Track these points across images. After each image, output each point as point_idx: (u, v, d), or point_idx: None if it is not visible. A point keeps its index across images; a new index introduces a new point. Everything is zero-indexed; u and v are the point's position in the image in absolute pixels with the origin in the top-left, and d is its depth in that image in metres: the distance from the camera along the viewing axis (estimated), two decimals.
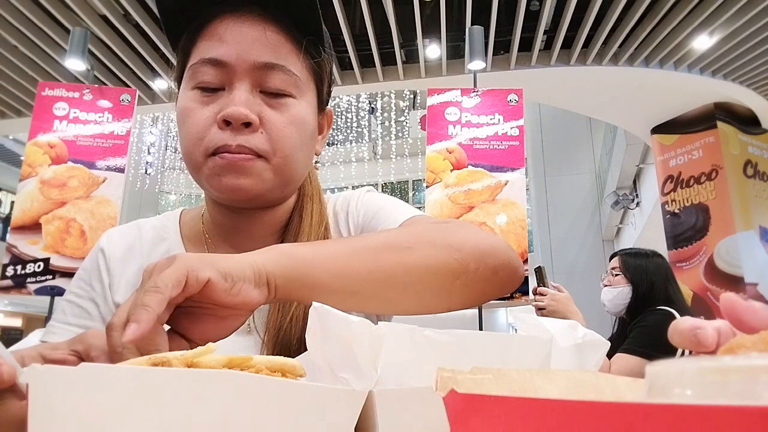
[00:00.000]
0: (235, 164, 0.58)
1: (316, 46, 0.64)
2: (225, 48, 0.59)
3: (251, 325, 0.65)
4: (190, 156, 0.61)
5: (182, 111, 0.61)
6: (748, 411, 0.12)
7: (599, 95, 5.77)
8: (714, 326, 0.26)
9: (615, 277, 2.12)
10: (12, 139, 10.58)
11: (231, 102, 0.58)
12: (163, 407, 0.26)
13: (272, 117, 0.60)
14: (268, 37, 0.60)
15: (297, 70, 0.62)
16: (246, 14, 0.60)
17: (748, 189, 5.33)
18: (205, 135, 0.59)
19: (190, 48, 0.62)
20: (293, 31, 0.62)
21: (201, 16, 0.61)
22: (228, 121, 0.58)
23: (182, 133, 0.62)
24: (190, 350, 0.32)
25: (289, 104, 0.61)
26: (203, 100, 0.60)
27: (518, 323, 0.39)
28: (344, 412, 0.29)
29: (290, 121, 0.61)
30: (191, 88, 0.61)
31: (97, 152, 3.88)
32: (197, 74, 0.60)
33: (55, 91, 3.98)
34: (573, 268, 8.74)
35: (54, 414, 0.26)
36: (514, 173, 3.55)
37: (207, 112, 0.60)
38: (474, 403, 0.20)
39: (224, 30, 0.60)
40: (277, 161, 0.61)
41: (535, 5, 4.53)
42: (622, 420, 0.14)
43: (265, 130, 0.59)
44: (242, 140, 0.58)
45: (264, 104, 0.60)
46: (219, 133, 0.58)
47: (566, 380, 0.25)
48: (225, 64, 0.59)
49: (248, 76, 0.59)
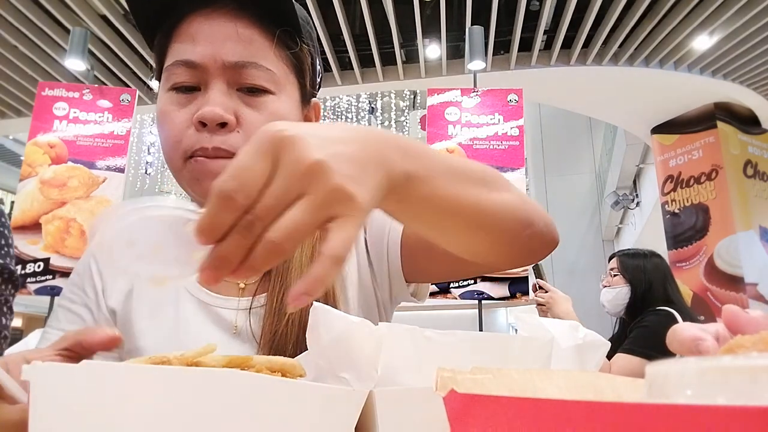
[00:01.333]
0: (212, 171, 0.57)
1: (292, 37, 0.61)
2: (197, 49, 0.58)
3: (237, 328, 0.65)
4: (170, 160, 0.60)
5: (160, 113, 0.60)
6: (748, 411, 0.12)
7: (599, 95, 5.77)
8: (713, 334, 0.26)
9: (614, 277, 2.12)
10: (12, 139, 10.58)
11: (206, 102, 0.57)
12: (163, 406, 0.26)
13: (250, 116, 0.58)
14: (239, 34, 0.58)
15: (272, 65, 0.60)
16: (217, 11, 0.58)
17: (748, 189, 5.33)
18: (182, 137, 0.58)
19: (165, 48, 0.61)
20: (266, 25, 0.59)
21: (173, 16, 0.60)
22: (204, 122, 0.56)
23: (161, 137, 0.61)
24: (190, 350, 0.32)
25: (267, 101, 0.59)
26: (180, 102, 0.59)
27: (519, 323, 0.39)
28: (345, 411, 0.29)
29: (269, 119, 0.58)
30: (167, 89, 0.60)
31: (97, 152, 3.88)
32: (172, 76, 0.59)
33: (55, 91, 3.98)
34: (573, 268, 8.73)
35: (55, 411, 0.26)
36: (514, 173, 3.55)
37: (184, 114, 0.58)
38: (474, 403, 0.20)
39: (195, 30, 0.58)
40: None
41: (535, 5, 4.53)
42: (622, 420, 0.14)
43: (242, 130, 0.58)
44: (218, 141, 0.57)
45: (241, 102, 0.59)
46: (195, 134, 0.57)
47: (566, 380, 0.25)
48: (197, 65, 0.58)
49: (222, 75, 0.58)
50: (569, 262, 8.87)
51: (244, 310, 0.65)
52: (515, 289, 3.40)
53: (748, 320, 0.25)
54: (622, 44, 4.95)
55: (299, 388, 0.29)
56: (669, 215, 5.67)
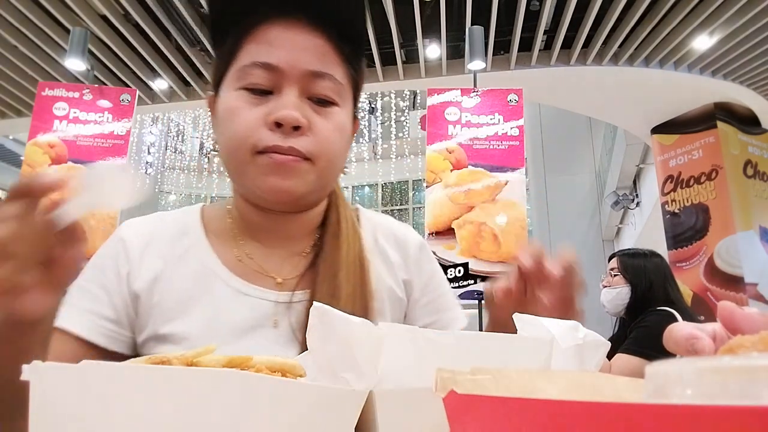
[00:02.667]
0: (283, 164, 0.60)
1: (357, 55, 0.67)
2: (276, 53, 0.61)
3: (277, 321, 0.65)
4: (236, 153, 0.62)
5: (229, 110, 0.62)
6: (748, 411, 0.12)
7: (599, 95, 5.77)
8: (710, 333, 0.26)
9: (614, 277, 2.12)
10: (12, 139, 10.58)
11: (282, 106, 0.60)
12: (163, 406, 0.26)
13: (319, 122, 0.62)
14: (316, 45, 0.62)
15: (341, 78, 0.64)
16: (294, 21, 0.62)
17: (748, 189, 5.33)
18: (254, 134, 0.60)
19: (236, 49, 0.63)
20: (337, 41, 0.64)
21: (249, 20, 0.63)
22: (279, 123, 0.59)
23: (228, 131, 0.62)
24: (190, 350, 0.32)
25: (333, 111, 0.64)
26: (252, 101, 0.61)
27: (519, 323, 0.39)
28: (345, 411, 0.29)
29: (334, 127, 0.63)
30: (238, 88, 0.62)
31: (97, 152, 3.88)
32: (247, 76, 0.61)
33: (55, 91, 3.98)
34: None
35: (55, 411, 0.26)
36: (514, 173, 3.55)
37: (256, 112, 0.61)
38: (473, 404, 0.20)
39: (274, 35, 0.62)
40: (321, 165, 0.63)
41: (535, 5, 4.53)
42: (622, 420, 0.14)
43: (311, 134, 0.61)
44: (292, 142, 0.60)
45: (310, 110, 0.62)
46: (269, 134, 0.60)
47: (566, 380, 0.25)
48: (276, 69, 0.61)
49: (298, 81, 0.61)
50: None
51: (284, 303, 0.66)
52: None
53: (743, 317, 0.25)
54: (622, 44, 4.95)
55: (299, 388, 0.29)
56: (669, 215, 5.67)
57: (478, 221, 3.47)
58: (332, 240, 0.69)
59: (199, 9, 4.64)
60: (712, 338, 0.26)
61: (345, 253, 0.67)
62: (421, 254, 0.76)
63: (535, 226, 9.46)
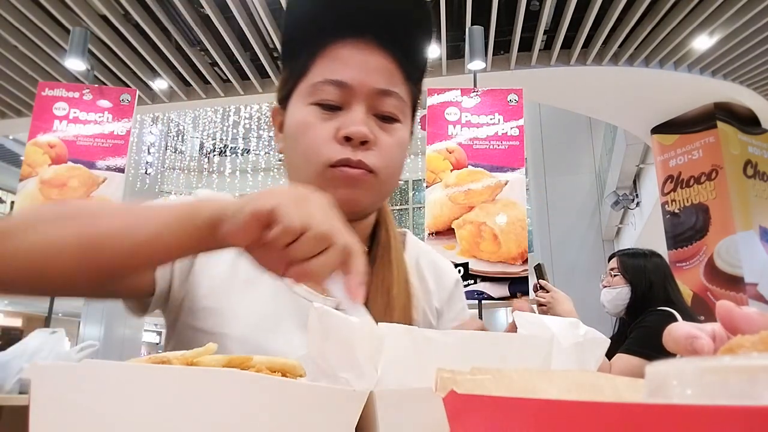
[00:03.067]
0: (352, 178, 0.64)
1: (419, 76, 0.71)
2: (347, 72, 0.65)
3: None
4: (308, 166, 0.65)
5: (302, 124, 0.66)
6: (748, 411, 0.12)
7: (599, 95, 5.77)
8: (710, 333, 0.26)
9: (614, 278, 2.12)
10: (12, 139, 10.58)
11: (351, 122, 0.64)
12: (164, 405, 0.26)
13: (383, 138, 0.66)
14: (384, 65, 0.66)
15: (404, 97, 0.68)
16: (364, 42, 0.66)
17: (748, 189, 5.33)
18: (326, 148, 0.64)
19: (308, 66, 0.67)
20: (403, 61, 0.68)
21: (322, 38, 0.66)
22: (349, 138, 0.63)
23: (300, 145, 0.66)
24: (189, 350, 0.32)
25: (396, 128, 0.68)
26: (323, 117, 0.65)
27: (518, 321, 0.39)
28: (345, 412, 0.29)
29: (397, 144, 0.68)
30: (310, 103, 0.66)
31: (97, 152, 3.88)
32: (318, 92, 0.65)
33: (55, 91, 3.98)
34: (573, 268, 8.73)
35: (55, 410, 0.26)
36: (514, 173, 3.56)
37: (327, 127, 0.64)
38: (473, 404, 0.20)
39: (347, 54, 0.65)
40: (384, 178, 0.67)
41: (535, 5, 4.53)
42: (622, 420, 0.14)
43: (377, 149, 0.65)
44: (361, 156, 0.64)
45: (376, 126, 0.66)
46: (339, 148, 0.64)
47: (566, 380, 0.25)
48: (346, 86, 0.64)
49: (366, 99, 0.65)
50: (569, 262, 8.87)
51: None
52: (515, 289, 3.40)
53: (742, 316, 0.25)
54: (622, 44, 4.95)
55: (299, 388, 0.29)
56: (669, 215, 5.67)
57: (478, 221, 3.47)
58: (384, 255, 0.72)
59: (199, 9, 4.64)
60: (712, 338, 0.26)
61: (396, 270, 0.71)
62: (455, 290, 0.81)
63: (535, 226, 9.46)
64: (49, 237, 0.49)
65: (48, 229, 0.49)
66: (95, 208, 0.52)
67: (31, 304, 11.85)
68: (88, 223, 0.50)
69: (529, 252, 3.49)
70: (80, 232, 0.49)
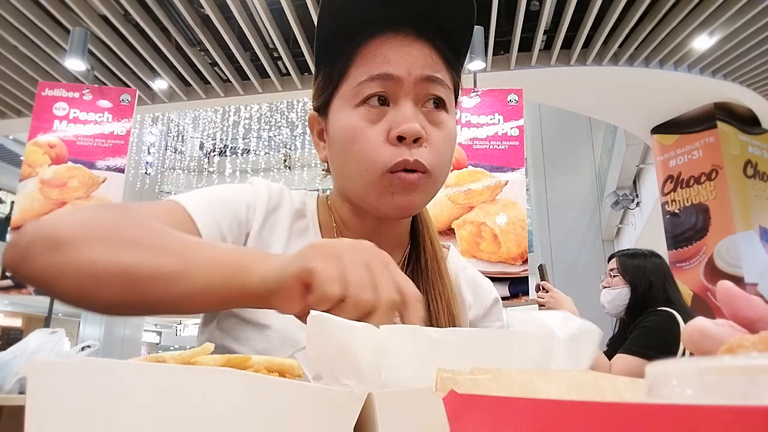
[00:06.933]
0: (411, 183, 0.61)
1: (460, 63, 0.68)
2: (392, 64, 0.62)
3: None
4: (364, 173, 0.62)
5: (350, 130, 0.63)
6: (748, 411, 0.12)
7: (599, 95, 5.77)
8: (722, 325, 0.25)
9: (613, 278, 2.12)
10: (12, 139, 10.58)
11: (402, 119, 0.61)
12: (161, 404, 0.26)
13: (433, 133, 0.63)
14: (427, 54, 0.64)
15: (449, 83, 0.66)
16: (403, 35, 0.63)
17: (748, 189, 5.33)
18: (380, 152, 0.61)
19: (347, 68, 0.64)
20: (445, 51, 0.65)
21: (359, 38, 0.64)
22: (402, 137, 0.60)
23: (353, 152, 0.63)
24: (187, 350, 0.32)
25: (444, 119, 0.65)
26: (371, 118, 0.62)
27: (513, 322, 0.40)
28: (343, 412, 0.29)
29: (447, 137, 0.65)
30: (357, 105, 0.63)
31: (97, 152, 3.89)
32: (364, 90, 0.62)
33: (55, 91, 3.99)
34: (573, 268, 8.73)
35: (53, 408, 0.26)
36: (514, 173, 3.56)
37: (377, 129, 0.62)
38: (474, 404, 0.20)
39: (388, 49, 0.63)
40: (437, 177, 0.64)
41: (535, 5, 4.53)
42: (622, 420, 0.14)
43: (429, 145, 0.62)
44: (416, 155, 0.61)
45: (425, 120, 0.63)
46: (393, 150, 0.61)
47: (566, 380, 0.25)
48: (393, 78, 0.62)
49: (412, 90, 0.62)
50: (569, 262, 8.87)
51: None
52: (515, 289, 3.41)
53: (741, 296, 0.25)
54: (622, 44, 4.95)
55: (297, 388, 0.29)
56: (669, 215, 5.67)
57: (478, 221, 3.47)
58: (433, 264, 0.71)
59: (199, 9, 4.64)
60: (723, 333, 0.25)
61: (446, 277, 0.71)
62: (493, 307, 0.79)
63: (535, 226, 9.46)
64: (99, 264, 0.47)
65: (101, 253, 0.48)
66: (152, 234, 0.50)
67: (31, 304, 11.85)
68: (141, 256, 0.48)
69: (529, 252, 3.50)
70: (130, 266, 0.47)
